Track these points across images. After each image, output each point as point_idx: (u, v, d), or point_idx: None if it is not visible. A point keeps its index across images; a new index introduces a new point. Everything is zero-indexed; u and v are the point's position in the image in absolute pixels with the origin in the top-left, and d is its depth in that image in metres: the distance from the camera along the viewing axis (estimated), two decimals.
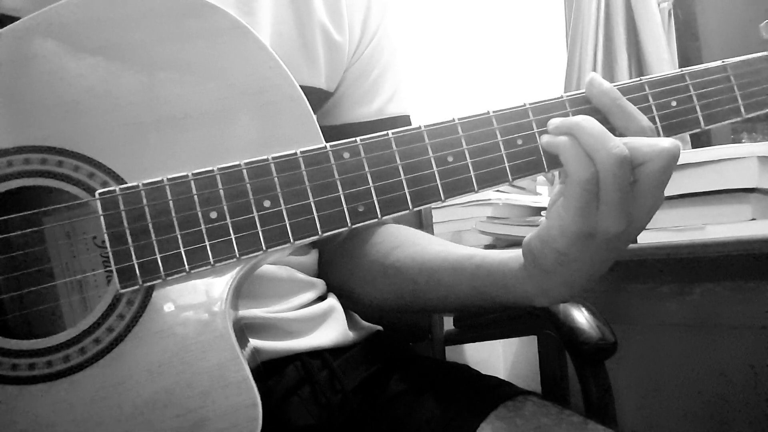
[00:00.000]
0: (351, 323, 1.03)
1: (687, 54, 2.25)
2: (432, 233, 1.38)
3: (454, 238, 1.96)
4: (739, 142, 1.65)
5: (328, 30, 0.97)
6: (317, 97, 0.98)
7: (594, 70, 2.30)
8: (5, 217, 0.64)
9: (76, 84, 0.66)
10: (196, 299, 0.65)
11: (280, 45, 0.91)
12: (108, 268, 0.65)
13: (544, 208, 1.76)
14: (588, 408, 0.99)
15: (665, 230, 1.42)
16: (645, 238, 1.44)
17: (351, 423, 0.92)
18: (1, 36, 0.66)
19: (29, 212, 0.64)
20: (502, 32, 2.58)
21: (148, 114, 0.67)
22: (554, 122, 0.72)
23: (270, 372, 0.89)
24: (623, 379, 2.05)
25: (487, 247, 1.88)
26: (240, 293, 0.71)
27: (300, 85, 0.78)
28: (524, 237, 1.61)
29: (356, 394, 0.94)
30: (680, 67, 2.15)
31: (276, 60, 0.70)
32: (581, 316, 0.99)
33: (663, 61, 2.18)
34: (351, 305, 1.06)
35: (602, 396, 0.99)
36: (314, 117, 0.70)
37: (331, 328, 0.98)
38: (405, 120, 1.07)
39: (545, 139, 0.72)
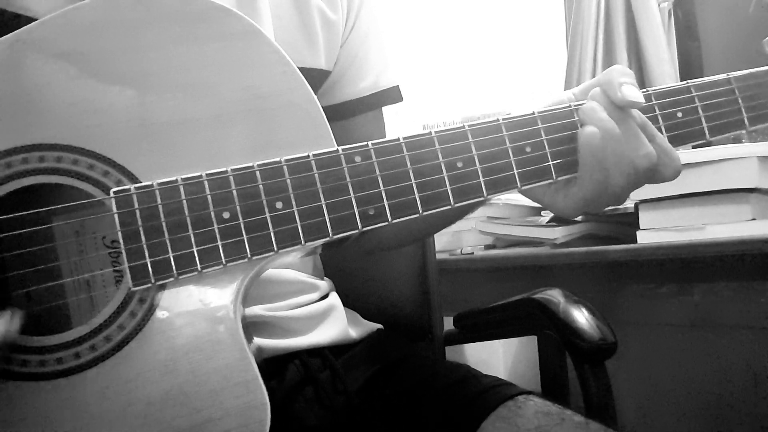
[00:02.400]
0: (351, 322, 1.04)
1: (687, 54, 2.25)
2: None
3: (454, 238, 1.97)
4: (739, 142, 1.66)
5: (323, 9, 0.98)
6: (318, 78, 0.99)
7: (594, 70, 2.30)
8: (16, 215, 0.64)
9: (91, 84, 0.67)
10: (207, 299, 0.65)
11: (281, 28, 0.92)
12: (116, 267, 0.65)
13: (545, 209, 1.76)
14: (588, 408, 0.99)
15: (665, 230, 1.42)
16: (645, 238, 1.44)
17: (353, 423, 0.92)
18: (16, 36, 0.67)
19: (39, 210, 0.65)
20: (503, 32, 2.58)
21: (162, 115, 0.67)
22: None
23: (271, 371, 0.89)
24: (623, 379, 2.05)
25: (488, 247, 1.89)
26: (249, 293, 0.71)
27: (302, 67, 0.78)
28: (524, 237, 1.61)
29: (358, 394, 0.95)
30: (680, 67, 2.18)
31: (289, 64, 0.70)
32: (581, 316, 0.99)
33: (663, 61, 2.18)
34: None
35: (602, 396, 0.99)
36: (326, 120, 0.71)
37: (331, 326, 0.98)
38: (396, 90, 1.10)
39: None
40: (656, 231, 1.43)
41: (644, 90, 0.77)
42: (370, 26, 1.06)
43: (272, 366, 0.90)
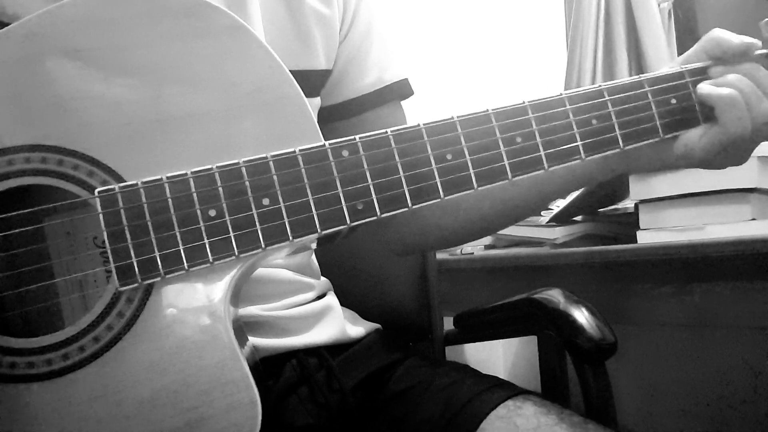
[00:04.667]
0: (350, 321, 1.03)
1: None
2: None
3: None
4: None
5: (316, 7, 0.97)
6: (319, 78, 0.98)
7: (594, 70, 2.30)
8: (6, 215, 0.64)
9: (76, 84, 0.66)
10: (195, 297, 0.65)
11: (273, 32, 0.91)
12: (107, 267, 0.65)
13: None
14: (588, 408, 0.98)
15: (665, 230, 1.41)
16: (645, 238, 1.44)
17: (350, 422, 0.92)
18: (2, 36, 0.67)
19: (29, 210, 0.64)
20: (502, 32, 2.58)
21: (149, 113, 0.67)
22: (719, 71, 0.81)
23: (267, 370, 0.89)
24: (623, 379, 2.04)
25: (488, 246, 1.88)
26: (240, 292, 0.71)
27: (300, 70, 0.77)
28: (524, 237, 1.60)
29: (355, 394, 0.94)
30: None
31: (275, 59, 0.70)
32: (581, 316, 0.99)
33: (663, 61, 2.18)
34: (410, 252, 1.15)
35: (602, 396, 0.99)
36: (313, 115, 0.71)
37: (329, 326, 0.98)
38: (405, 84, 1.08)
39: (706, 90, 0.79)
40: (656, 231, 1.43)
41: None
42: (371, 21, 1.04)
43: (269, 365, 0.90)
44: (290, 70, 0.70)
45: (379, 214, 0.68)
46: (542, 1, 2.71)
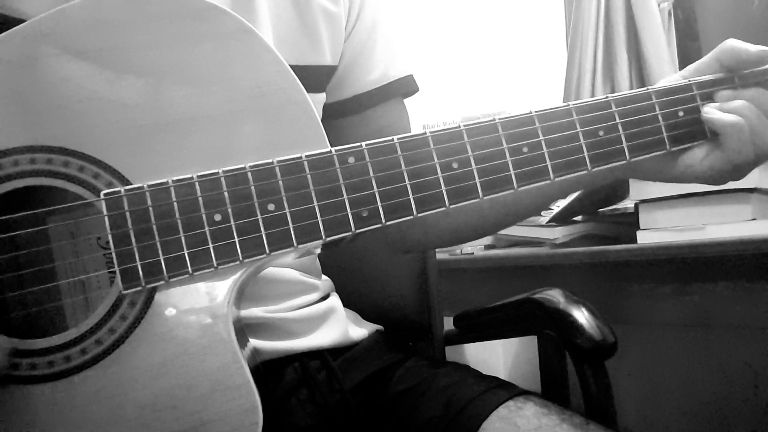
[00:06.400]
0: (352, 323, 1.03)
1: (687, 54, 2.24)
2: None
3: None
4: None
5: (324, 3, 0.96)
6: (325, 74, 0.98)
7: (594, 70, 2.29)
8: (10, 216, 0.64)
9: (83, 85, 0.66)
10: (198, 302, 0.65)
11: (280, 27, 0.91)
12: (111, 269, 0.65)
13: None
14: (588, 408, 0.98)
15: (665, 230, 1.41)
16: (645, 238, 1.44)
17: (350, 423, 0.92)
18: (9, 36, 0.66)
19: (34, 211, 0.64)
20: (502, 32, 2.58)
21: (155, 116, 0.67)
22: (725, 96, 0.80)
23: (269, 373, 0.89)
24: (623, 379, 2.05)
25: (488, 247, 1.88)
26: (243, 295, 0.71)
27: (306, 65, 0.77)
28: (524, 237, 1.60)
29: (355, 394, 0.94)
30: (680, 67, 2.17)
31: (282, 63, 0.70)
32: (581, 316, 0.99)
33: (663, 61, 2.17)
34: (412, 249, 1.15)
35: (602, 396, 0.98)
36: (320, 121, 0.70)
37: (332, 328, 0.98)
38: (410, 80, 1.08)
39: (711, 114, 0.79)
40: (656, 231, 1.43)
41: (645, 88, 0.77)
42: (376, 18, 1.04)
43: (270, 368, 0.90)
44: (297, 65, 0.70)
45: (384, 221, 0.68)
46: (542, 2, 2.71)
